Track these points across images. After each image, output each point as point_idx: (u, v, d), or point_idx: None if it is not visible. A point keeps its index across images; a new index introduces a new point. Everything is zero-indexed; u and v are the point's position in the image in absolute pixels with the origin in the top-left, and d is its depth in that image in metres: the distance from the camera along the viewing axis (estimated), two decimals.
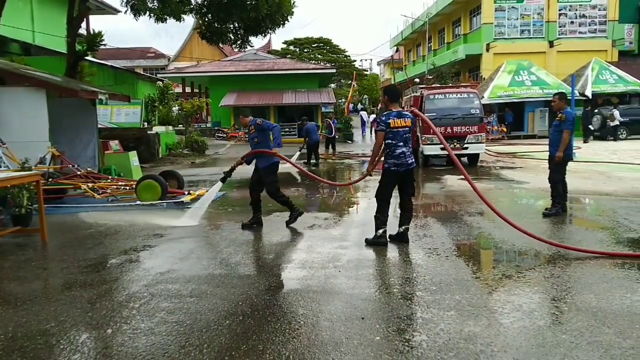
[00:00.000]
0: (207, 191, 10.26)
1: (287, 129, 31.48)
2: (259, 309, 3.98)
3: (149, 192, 8.93)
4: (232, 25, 17.43)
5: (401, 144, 5.75)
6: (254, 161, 7.21)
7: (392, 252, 5.56)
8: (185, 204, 8.88)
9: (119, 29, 79.33)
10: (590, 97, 25.66)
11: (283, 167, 8.52)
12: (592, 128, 23.37)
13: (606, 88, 26.22)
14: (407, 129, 5.79)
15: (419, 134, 15.09)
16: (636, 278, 4.47)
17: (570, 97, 13.57)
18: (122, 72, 24.62)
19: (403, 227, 5.91)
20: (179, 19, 15.25)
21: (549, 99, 25.02)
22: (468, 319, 3.65)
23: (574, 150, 14.74)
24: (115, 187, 9.70)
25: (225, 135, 30.50)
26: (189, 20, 18.19)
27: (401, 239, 5.91)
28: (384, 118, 5.84)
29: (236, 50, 25.73)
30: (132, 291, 4.44)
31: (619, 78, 26.76)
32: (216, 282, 4.63)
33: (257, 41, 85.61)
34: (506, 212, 8.03)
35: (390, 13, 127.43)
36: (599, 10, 30.51)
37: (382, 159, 5.96)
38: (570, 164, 7.70)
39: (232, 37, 17.97)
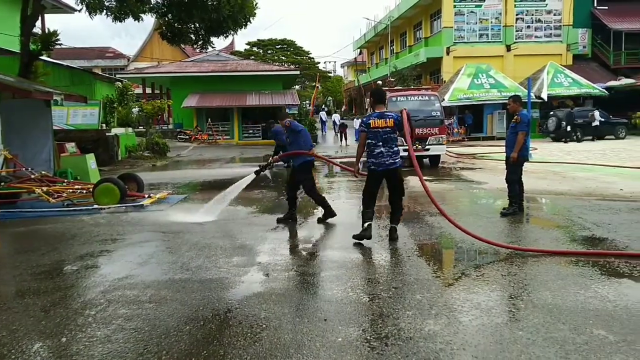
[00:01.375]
0: (168, 194, 10.11)
1: (250, 131, 31.32)
2: (220, 313, 3.92)
3: (107, 196, 8.71)
4: (193, 26, 17.20)
5: (380, 143, 5.91)
6: (290, 161, 7.61)
7: (355, 253, 5.59)
8: (146, 207, 8.70)
9: (76, 28, 77.33)
10: (546, 99, 26.48)
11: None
12: (593, 124, 23.98)
13: (561, 91, 27.11)
14: (387, 129, 5.91)
15: None
16: (589, 275, 4.62)
17: (526, 100, 13.96)
18: (79, 72, 23.98)
19: (390, 225, 6.13)
20: (137, 18, 14.95)
21: (507, 101, 25.79)
22: (428, 317, 3.70)
23: (530, 151, 15.21)
24: (71, 190, 9.42)
25: (187, 137, 30.05)
26: (150, 19, 17.85)
27: (389, 237, 6.09)
28: (365, 119, 6.08)
29: (198, 50, 25.44)
30: (87, 298, 4.31)
31: (573, 81, 27.71)
32: (176, 287, 4.54)
33: (219, 42, 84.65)
34: (466, 212, 8.25)
35: (353, 16, 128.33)
36: (554, 15, 31.56)
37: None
38: (526, 164, 7.91)
39: (194, 38, 17.75)
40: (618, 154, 16.81)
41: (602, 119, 23.79)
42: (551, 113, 24.95)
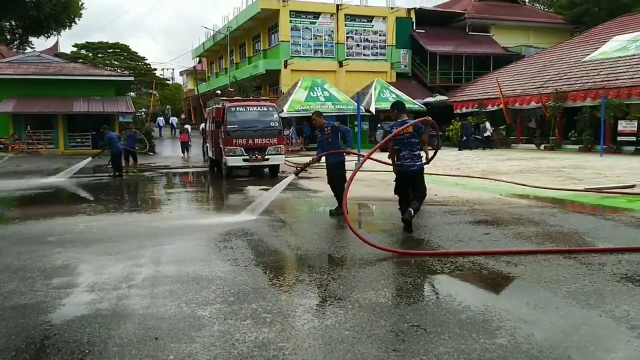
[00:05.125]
0: None
1: (78, 140, 28.91)
2: (36, 341, 3.55)
3: None
4: (8, 24, 15.45)
5: (402, 148, 6.79)
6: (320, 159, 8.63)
7: (192, 266, 5.45)
8: None
9: None
10: (374, 112, 28.66)
11: None
12: (485, 135, 26.47)
13: (387, 105, 29.36)
14: (407, 134, 6.73)
15: (222, 146, 15.13)
16: (408, 273, 5.09)
17: (356, 113, 14.85)
18: None
19: (407, 209, 6.76)
20: None
21: (341, 113, 27.42)
22: (263, 326, 3.76)
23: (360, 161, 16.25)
24: None
25: (2, 146, 26.61)
26: None
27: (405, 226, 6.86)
28: (388, 128, 7.31)
29: (14, 51, 22.86)
30: None
31: (397, 97, 30.33)
32: None
33: (40, 42, 77.02)
34: (304, 219, 8.58)
35: (193, 23, 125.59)
36: (380, 36, 34.36)
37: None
38: (357, 173, 8.46)
39: (9, 37, 15.95)
40: (434, 162, 18.76)
41: (493, 129, 26.68)
42: (378, 125, 27.06)
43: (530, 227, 7.23)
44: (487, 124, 26.82)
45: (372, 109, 28.60)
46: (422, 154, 7.08)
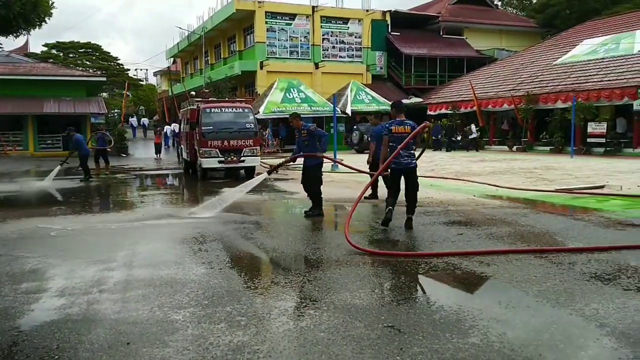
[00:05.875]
0: None
1: (49, 141, 28.33)
2: (4, 347, 3.46)
3: None
4: None
5: (399, 146, 6.85)
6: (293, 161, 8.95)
7: (165, 269, 5.38)
8: None
9: None
10: (350, 114, 28.75)
11: None
12: (471, 137, 26.69)
13: (363, 107, 29.67)
14: (405, 134, 6.94)
15: (196, 147, 14.99)
16: (382, 274, 5.12)
17: (332, 115, 14.86)
18: None
19: (407, 216, 7.20)
20: None
21: (317, 115, 27.45)
22: (237, 329, 3.72)
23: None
24: None
25: None
26: None
27: (405, 225, 7.16)
28: (387, 125, 7.32)
29: None
30: None
31: (373, 98, 30.56)
32: None
33: (9, 42, 75.34)
34: (279, 220, 8.55)
35: (167, 24, 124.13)
36: (355, 38, 34.51)
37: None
38: (332, 174, 8.51)
39: None
40: None
41: (479, 132, 26.99)
42: (355, 127, 27.16)
43: (503, 228, 7.34)
44: (472, 127, 27.17)
45: (348, 111, 28.71)
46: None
